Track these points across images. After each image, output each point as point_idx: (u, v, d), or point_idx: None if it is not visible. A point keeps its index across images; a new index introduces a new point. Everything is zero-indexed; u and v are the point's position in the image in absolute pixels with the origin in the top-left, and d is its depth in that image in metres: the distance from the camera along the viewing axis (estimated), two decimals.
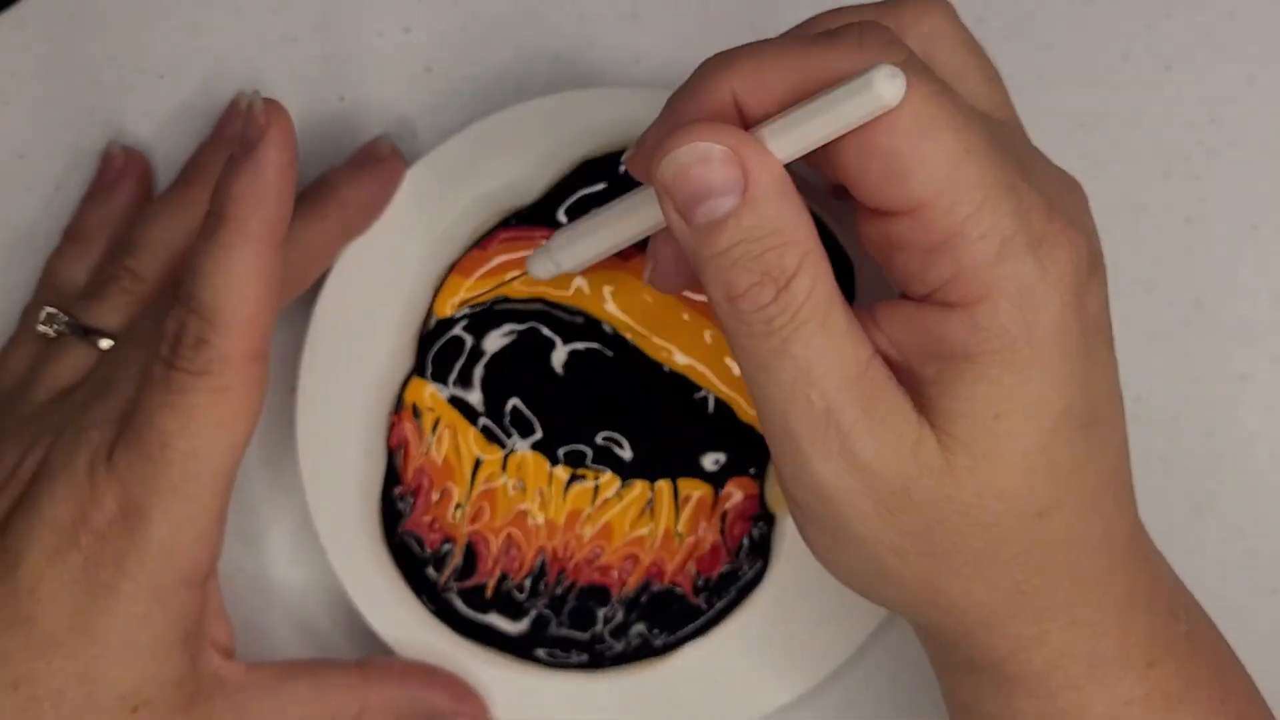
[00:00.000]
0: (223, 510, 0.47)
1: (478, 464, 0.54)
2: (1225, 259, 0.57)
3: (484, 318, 0.54)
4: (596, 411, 0.54)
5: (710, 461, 0.54)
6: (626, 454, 0.54)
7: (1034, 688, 0.44)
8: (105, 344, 0.51)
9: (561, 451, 0.54)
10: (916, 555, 0.42)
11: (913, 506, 0.41)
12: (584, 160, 0.54)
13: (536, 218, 0.54)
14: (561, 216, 0.54)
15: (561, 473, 0.54)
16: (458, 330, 0.54)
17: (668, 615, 0.54)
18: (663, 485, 0.54)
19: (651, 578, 0.54)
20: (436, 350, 0.54)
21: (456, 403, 0.54)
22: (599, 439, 0.54)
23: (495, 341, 0.54)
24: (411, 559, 0.53)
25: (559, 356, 0.54)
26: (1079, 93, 0.58)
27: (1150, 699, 0.44)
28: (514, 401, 0.54)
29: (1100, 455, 0.42)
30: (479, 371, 0.54)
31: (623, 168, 0.50)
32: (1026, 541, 0.41)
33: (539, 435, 0.54)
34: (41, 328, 0.52)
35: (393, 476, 0.54)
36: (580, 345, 0.54)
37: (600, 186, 0.54)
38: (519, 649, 0.53)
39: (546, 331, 0.54)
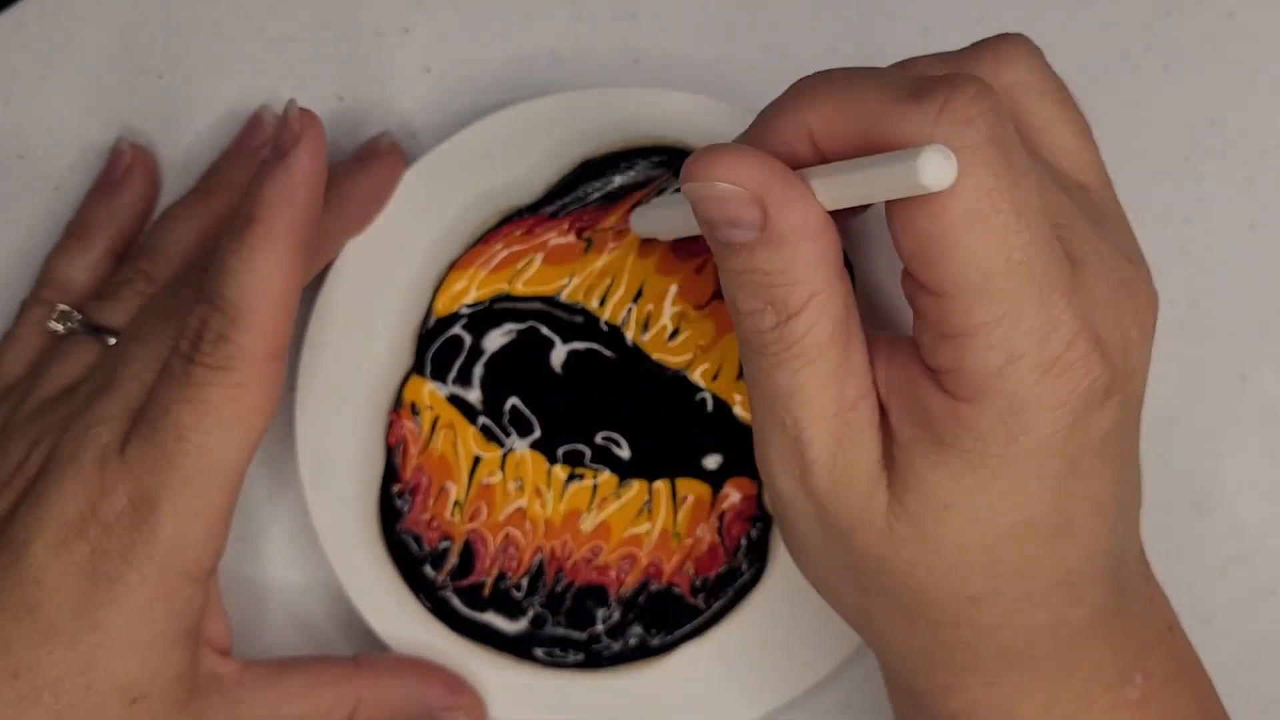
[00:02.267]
0: (230, 507, 0.47)
1: (476, 462, 0.54)
2: (1224, 259, 0.57)
3: (483, 316, 0.54)
4: (595, 411, 0.54)
5: (709, 462, 0.54)
6: (625, 453, 0.54)
7: None
8: (114, 343, 0.51)
9: (560, 451, 0.54)
10: (853, 588, 0.43)
11: (852, 549, 0.41)
12: (584, 160, 0.54)
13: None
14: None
15: (560, 472, 0.54)
16: (457, 329, 0.54)
17: (665, 615, 0.54)
18: (661, 485, 0.54)
19: (649, 578, 0.54)
20: (436, 349, 0.54)
21: (456, 401, 0.54)
22: (598, 438, 0.54)
23: (495, 340, 0.54)
24: (409, 557, 0.53)
25: (558, 356, 0.54)
26: (1079, 93, 0.57)
27: None
28: (513, 400, 0.54)
29: (1059, 560, 0.41)
30: (478, 370, 0.54)
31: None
32: (954, 615, 0.41)
33: (538, 434, 0.54)
34: (54, 325, 0.52)
35: (391, 474, 0.53)
36: (579, 345, 0.54)
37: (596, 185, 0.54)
38: (516, 648, 0.53)
39: (546, 331, 0.54)
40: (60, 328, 0.52)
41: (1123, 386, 0.40)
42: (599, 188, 0.54)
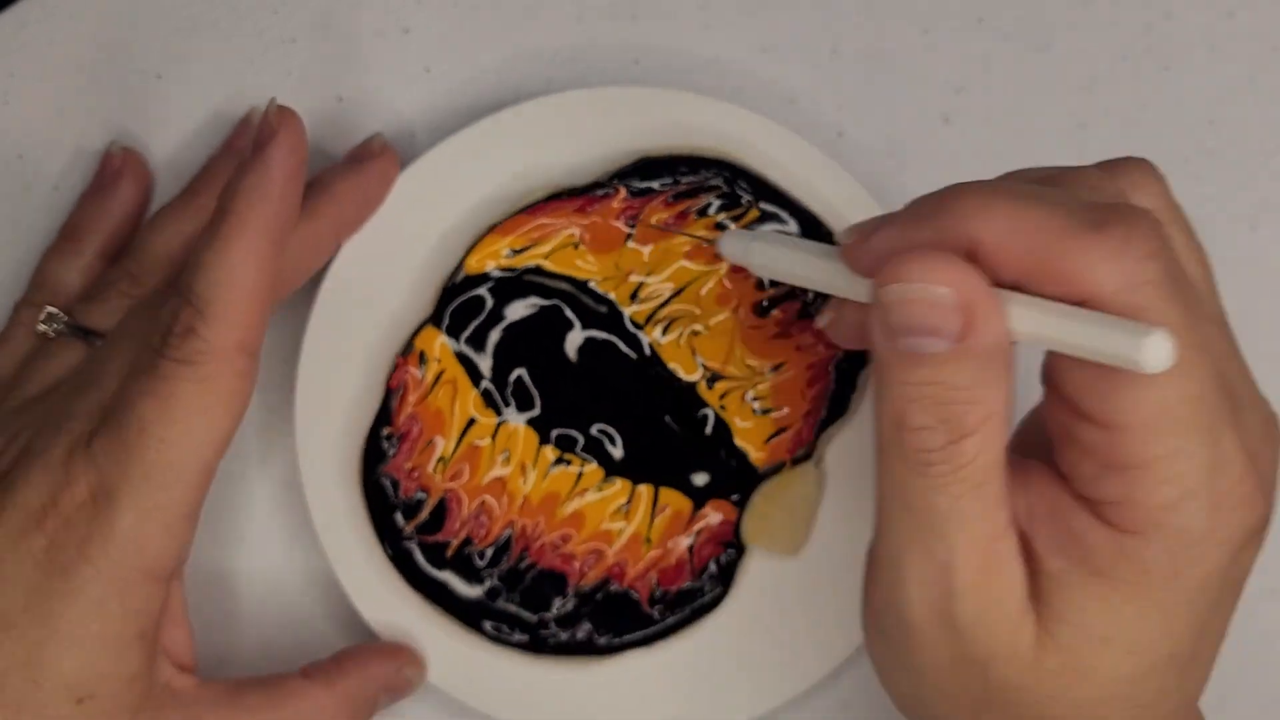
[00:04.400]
0: (195, 506, 0.46)
1: (470, 424, 0.53)
2: (1224, 259, 0.56)
3: (511, 284, 0.54)
4: (597, 402, 0.54)
5: (696, 478, 0.54)
6: (617, 451, 0.54)
7: None
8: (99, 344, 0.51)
9: (554, 433, 0.54)
10: (967, 713, 0.42)
11: (985, 677, 0.40)
12: (642, 157, 0.55)
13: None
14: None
15: (549, 453, 0.54)
16: (482, 290, 0.54)
17: (618, 617, 0.53)
18: (644, 490, 0.54)
19: (611, 577, 0.53)
20: (458, 304, 0.54)
21: (464, 360, 0.54)
22: (593, 429, 0.54)
23: (517, 310, 0.54)
24: (383, 501, 0.53)
25: (574, 340, 0.54)
26: (1079, 93, 0.58)
27: None
28: (519, 372, 0.54)
29: (1182, 691, 0.42)
30: (494, 335, 0.54)
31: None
32: None
33: (536, 411, 0.54)
34: (41, 327, 0.52)
35: (385, 416, 0.53)
36: (598, 334, 0.54)
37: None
38: (466, 615, 0.53)
39: (569, 313, 0.54)
40: (48, 330, 0.52)
41: (1266, 528, 0.40)
42: (657, 186, 0.54)
